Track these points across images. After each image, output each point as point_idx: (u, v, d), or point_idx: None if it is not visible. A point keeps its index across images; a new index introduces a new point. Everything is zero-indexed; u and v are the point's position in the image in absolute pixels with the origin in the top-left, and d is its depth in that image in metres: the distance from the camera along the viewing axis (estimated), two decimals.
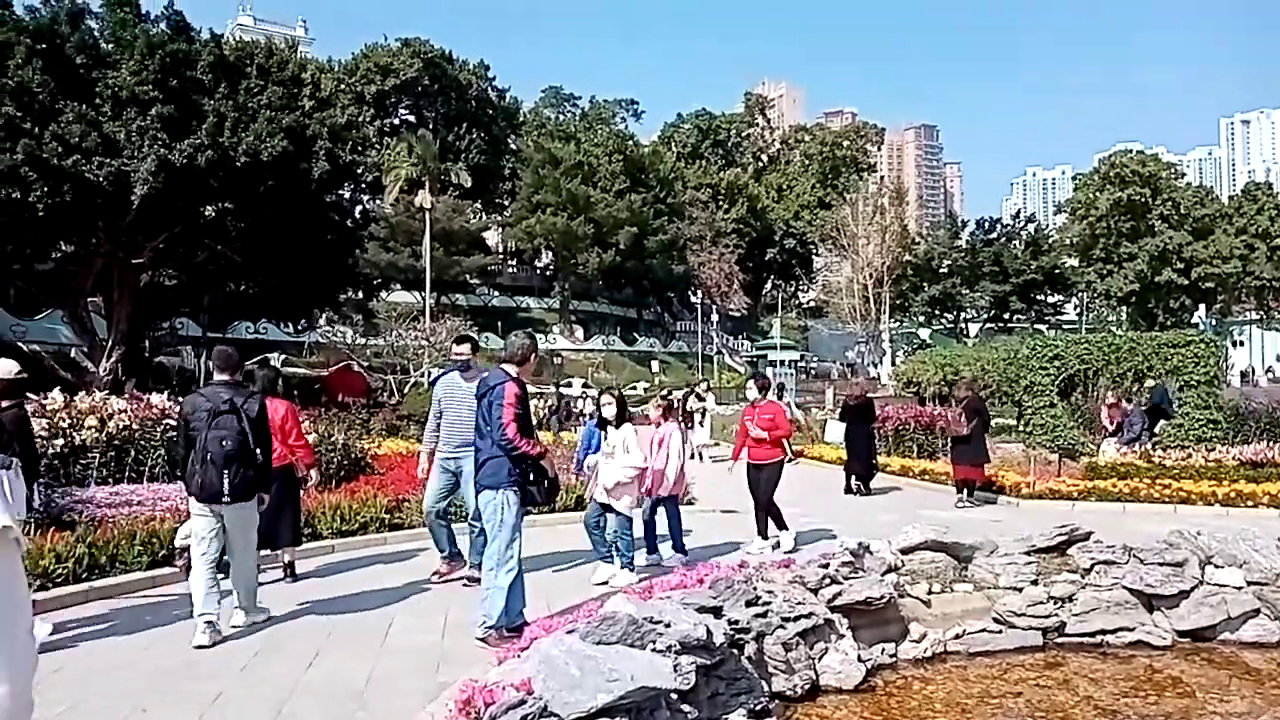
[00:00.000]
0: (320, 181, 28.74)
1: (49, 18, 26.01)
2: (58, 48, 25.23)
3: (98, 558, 7.31)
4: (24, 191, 23.07)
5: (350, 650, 5.78)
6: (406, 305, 54.48)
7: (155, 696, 4.91)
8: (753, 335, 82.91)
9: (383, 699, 4.90)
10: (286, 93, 28.90)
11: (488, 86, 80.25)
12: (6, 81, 23.77)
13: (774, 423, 9.50)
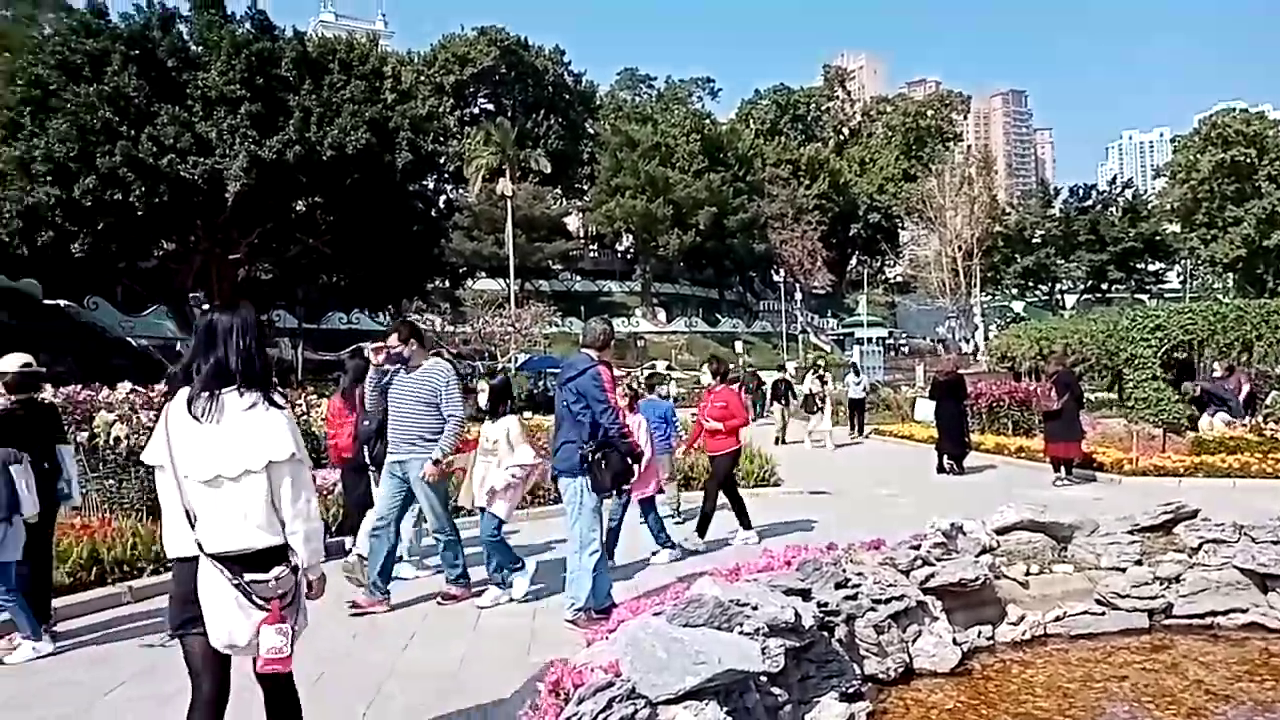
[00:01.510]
0: (404, 172, 29.31)
1: (141, 24, 27.05)
2: (150, 52, 26.23)
3: None
4: (124, 192, 24.11)
5: (444, 633, 5.90)
6: (491, 292, 55.28)
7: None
8: (838, 313, 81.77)
9: (475, 679, 4.98)
10: (369, 86, 29.52)
11: (564, 71, 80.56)
12: (104, 88, 24.83)
13: (727, 411, 8.68)
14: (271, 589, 3.11)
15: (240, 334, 3.22)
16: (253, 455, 3.10)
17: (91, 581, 6.76)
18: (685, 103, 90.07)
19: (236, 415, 3.13)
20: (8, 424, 5.68)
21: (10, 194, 25.17)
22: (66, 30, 27.41)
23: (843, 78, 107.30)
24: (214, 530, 3.09)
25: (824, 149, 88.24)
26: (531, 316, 46.49)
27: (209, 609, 3.10)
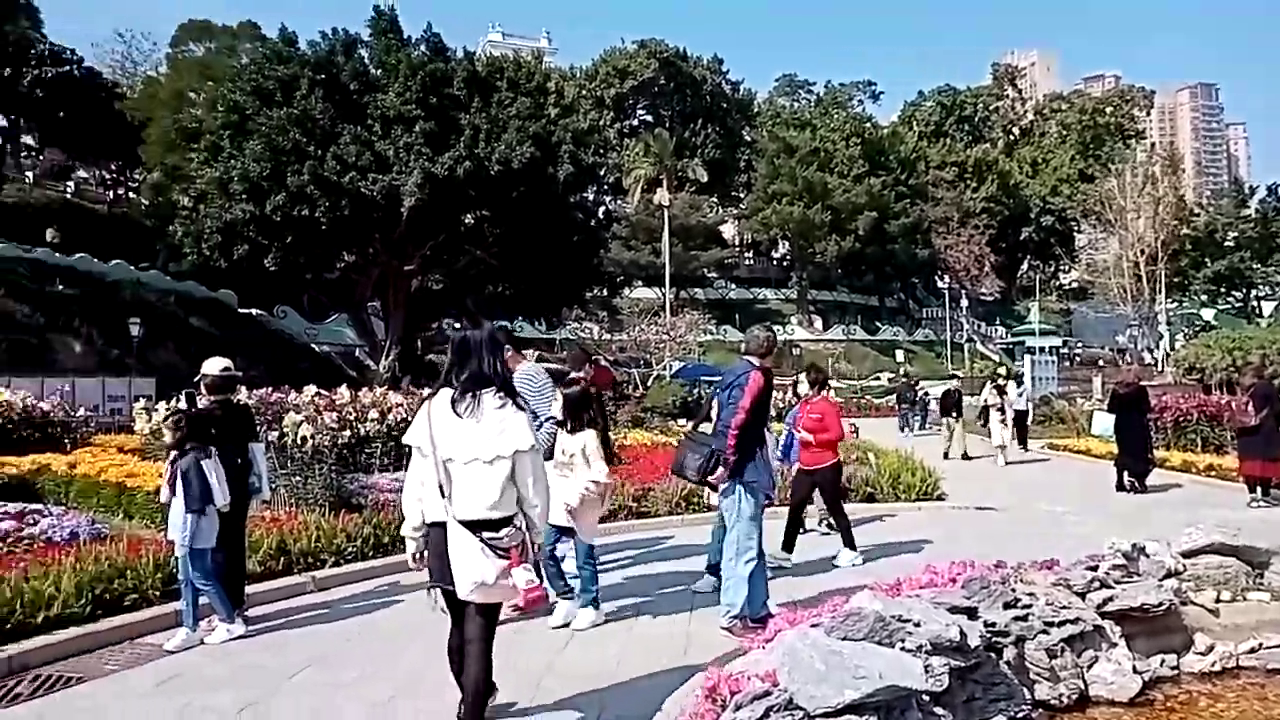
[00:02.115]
0: (565, 185, 30.09)
1: (326, 50, 28.91)
2: (334, 76, 27.98)
3: (381, 538, 8.04)
4: (311, 208, 25.79)
5: (601, 633, 6.01)
6: (648, 301, 55.95)
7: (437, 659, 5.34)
8: (1007, 321, 78.18)
9: (632, 681, 5.06)
10: (533, 102, 30.47)
11: (721, 80, 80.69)
12: (293, 111, 26.66)
13: (821, 423, 8.24)
14: (505, 543, 3.90)
15: (489, 348, 4.05)
16: (503, 445, 3.89)
17: (279, 570, 7.25)
18: (845, 107, 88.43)
19: (490, 413, 3.93)
20: (208, 423, 6.20)
21: (211, 212, 27.39)
22: (261, 58, 29.64)
23: (1013, 76, 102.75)
24: (464, 501, 3.90)
25: (992, 150, 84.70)
26: (686, 324, 46.75)
27: (458, 560, 3.87)
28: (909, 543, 9.09)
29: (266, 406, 10.64)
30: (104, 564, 6.19)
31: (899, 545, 8.84)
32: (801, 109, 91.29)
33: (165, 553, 6.50)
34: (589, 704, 4.73)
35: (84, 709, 4.70)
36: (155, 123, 40.63)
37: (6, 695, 4.83)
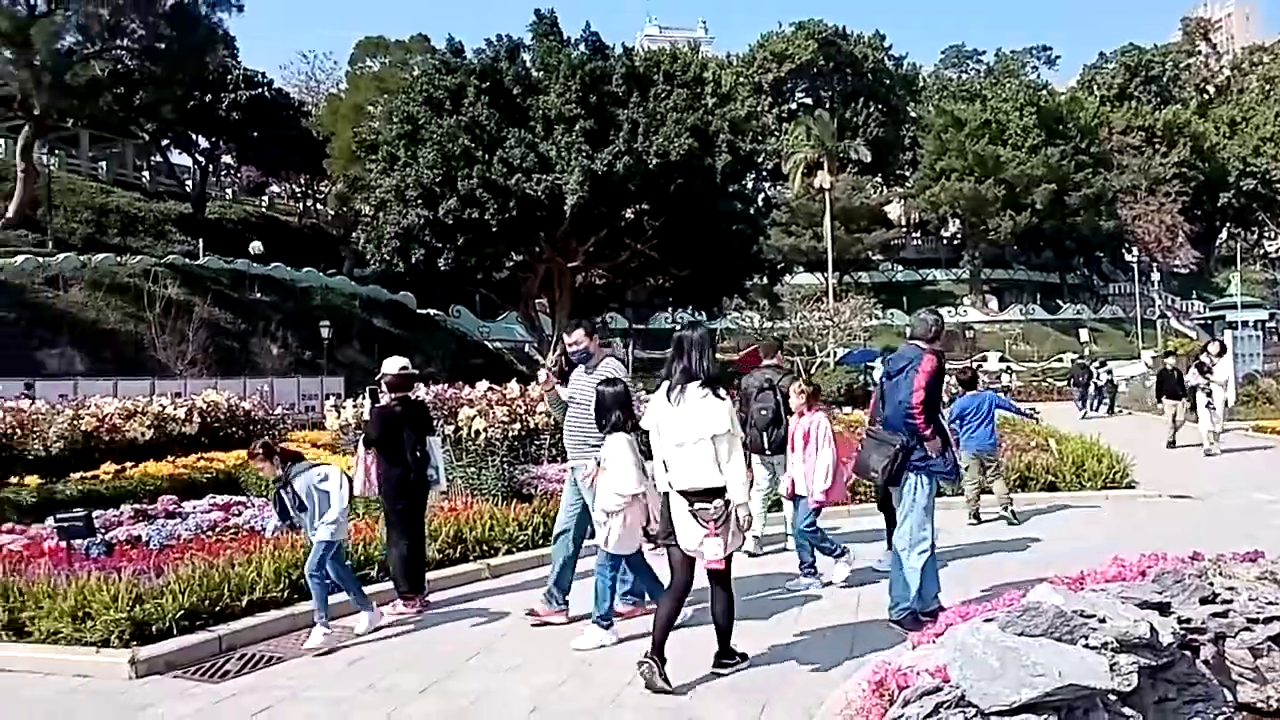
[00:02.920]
0: (724, 174, 30.00)
1: (491, 57, 29.92)
2: (499, 82, 28.94)
3: (551, 527, 8.27)
4: (480, 211, 26.79)
5: (767, 624, 5.98)
6: (810, 287, 55.04)
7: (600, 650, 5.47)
8: (1205, 294, 72.28)
9: (798, 672, 5.01)
10: (690, 93, 30.52)
11: (884, 57, 78.29)
12: (462, 118, 27.75)
13: None
14: (710, 514, 4.66)
15: (697, 347, 4.87)
16: (704, 428, 4.70)
17: (456, 558, 7.58)
18: (1018, 75, 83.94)
19: (695, 401, 4.76)
20: (389, 419, 6.56)
21: (389, 218, 28.92)
22: (431, 69, 31.03)
23: (1205, 30, 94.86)
24: (680, 474, 4.76)
25: (1183, 111, 78.32)
26: (851, 310, 45.68)
27: (678, 525, 4.77)
28: (1093, 533, 8.58)
29: (443, 402, 11.16)
30: (299, 551, 6.65)
31: (1082, 536, 8.35)
32: (970, 80, 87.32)
33: (355, 540, 6.93)
34: (751, 694, 4.72)
35: (285, 685, 5.07)
36: (338, 136, 43.27)
37: (217, 671, 5.28)
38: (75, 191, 42.15)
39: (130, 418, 13.14)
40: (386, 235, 29.00)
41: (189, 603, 5.61)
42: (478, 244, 28.36)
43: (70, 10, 35.71)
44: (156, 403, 14.40)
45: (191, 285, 35.17)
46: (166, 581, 5.79)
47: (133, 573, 5.92)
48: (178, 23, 37.06)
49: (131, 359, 28.87)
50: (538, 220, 28.18)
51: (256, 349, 31.81)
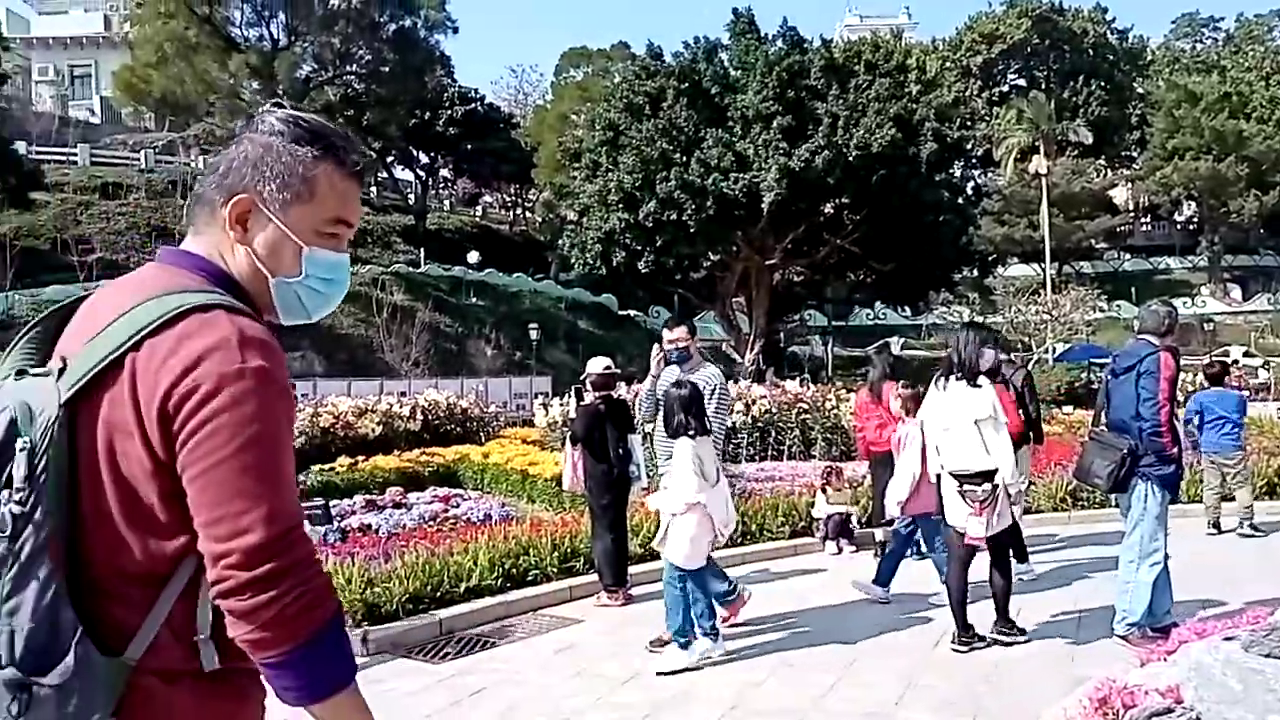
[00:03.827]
0: (929, 163, 28.95)
1: (689, 59, 30.17)
2: (697, 83, 29.15)
3: (749, 525, 8.29)
4: (678, 212, 27.09)
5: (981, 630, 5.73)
6: (1025, 279, 52.02)
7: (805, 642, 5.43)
8: None
9: (1012, 683, 4.78)
10: (893, 82, 29.65)
11: (1105, 31, 72.77)
12: (660, 121, 28.17)
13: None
14: (977, 496, 5.11)
15: (966, 344, 5.40)
16: (967, 414, 5.19)
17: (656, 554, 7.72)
18: (1262, 41, 75.85)
19: (960, 391, 5.29)
20: (593, 416, 6.80)
21: (592, 223, 29.80)
22: (631, 76, 31.70)
23: None
24: (949, 457, 5.30)
25: None
26: (1071, 302, 42.76)
27: (947, 504, 5.36)
28: None
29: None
30: (511, 542, 6.99)
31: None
32: (1206, 51, 79.65)
33: (561, 533, 7.21)
34: (965, 704, 4.55)
35: (500, 668, 5.35)
36: (544, 146, 45.08)
37: (438, 653, 5.64)
38: None
39: (362, 415, 14.22)
40: (589, 240, 29.90)
41: (413, 588, 6.02)
42: (676, 245, 28.69)
43: (307, 42, 39.16)
44: (385, 401, 15.52)
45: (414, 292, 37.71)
46: (394, 567, 6.25)
47: (364, 558, 6.43)
48: (400, 47, 39.82)
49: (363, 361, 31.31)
50: (735, 219, 28.19)
51: (472, 350, 33.65)
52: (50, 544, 1.19)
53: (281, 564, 1.19)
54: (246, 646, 1.21)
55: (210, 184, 1.40)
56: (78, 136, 46.03)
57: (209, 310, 1.26)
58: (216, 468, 1.19)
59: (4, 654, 1.18)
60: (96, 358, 1.24)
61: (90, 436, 1.23)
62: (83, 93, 57.01)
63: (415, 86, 42.17)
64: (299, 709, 1.26)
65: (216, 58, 36.27)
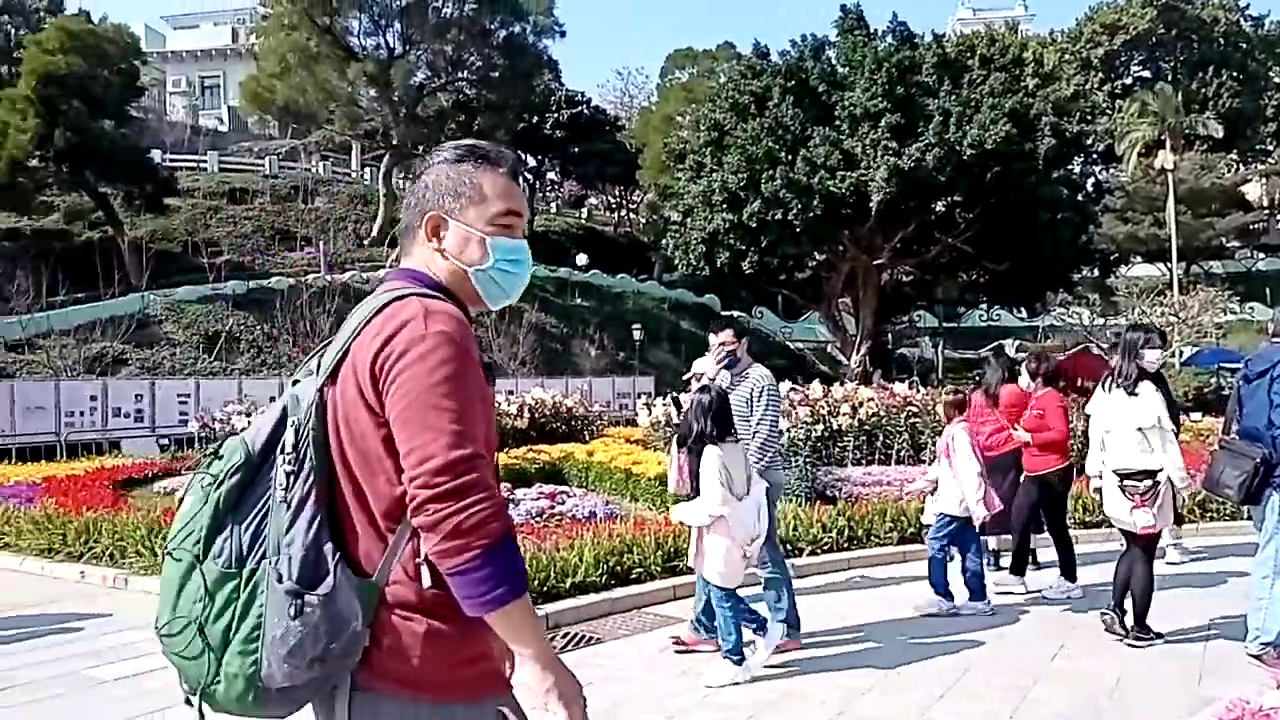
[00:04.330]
0: (1046, 159, 28.01)
1: (796, 57, 29.88)
2: (803, 82, 28.83)
3: (855, 530, 8.17)
4: (784, 211, 26.85)
5: (1097, 646, 5.53)
6: (1149, 279, 49.68)
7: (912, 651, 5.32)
8: None
9: (1136, 702, 4.59)
10: (1008, 76, 28.82)
11: (1238, 19, 68.88)
12: (766, 121, 27.97)
13: (1043, 420, 6.91)
14: (1139, 490, 5.31)
15: (1129, 348, 5.48)
16: (1130, 418, 5.37)
17: None
18: None
19: (1124, 394, 5.42)
20: None
21: (696, 224, 29.80)
22: (736, 75, 31.57)
23: None
24: (1112, 455, 5.49)
25: None
26: (1200, 304, 40.62)
27: (1108, 500, 5.54)
28: None
29: None
30: (616, 540, 7.06)
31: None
32: None
33: (665, 532, 7.25)
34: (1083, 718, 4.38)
35: (605, 664, 5.41)
36: (649, 148, 45.29)
37: None
38: None
39: None
40: (693, 240, 29.89)
41: None
42: (781, 245, 28.43)
43: (421, 50, 40.28)
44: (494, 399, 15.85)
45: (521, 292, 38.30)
46: None
47: None
48: (509, 52, 40.59)
49: None
50: (842, 218, 27.77)
51: (577, 350, 34.08)
52: (313, 493, 1.54)
53: (460, 483, 1.46)
54: (435, 558, 1.48)
55: (408, 214, 1.77)
56: (207, 144, 48.56)
57: (404, 298, 1.61)
58: (407, 409, 1.49)
59: (285, 572, 1.51)
60: (335, 351, 1.62)
61: (335, 411, 1.59)
62: (212, 103, 60.10)
63: (524, 91, 42.91)
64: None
65: (336, 67, 37.60)
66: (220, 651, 1.51)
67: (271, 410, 1.66)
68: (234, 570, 1.52)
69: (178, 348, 29.06)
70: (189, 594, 1.53)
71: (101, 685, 5.24)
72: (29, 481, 12.76)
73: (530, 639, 1.55)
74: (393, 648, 1.54)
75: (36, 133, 29.97)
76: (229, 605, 1.52)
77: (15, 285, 27.91)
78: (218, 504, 1.55)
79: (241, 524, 1.54)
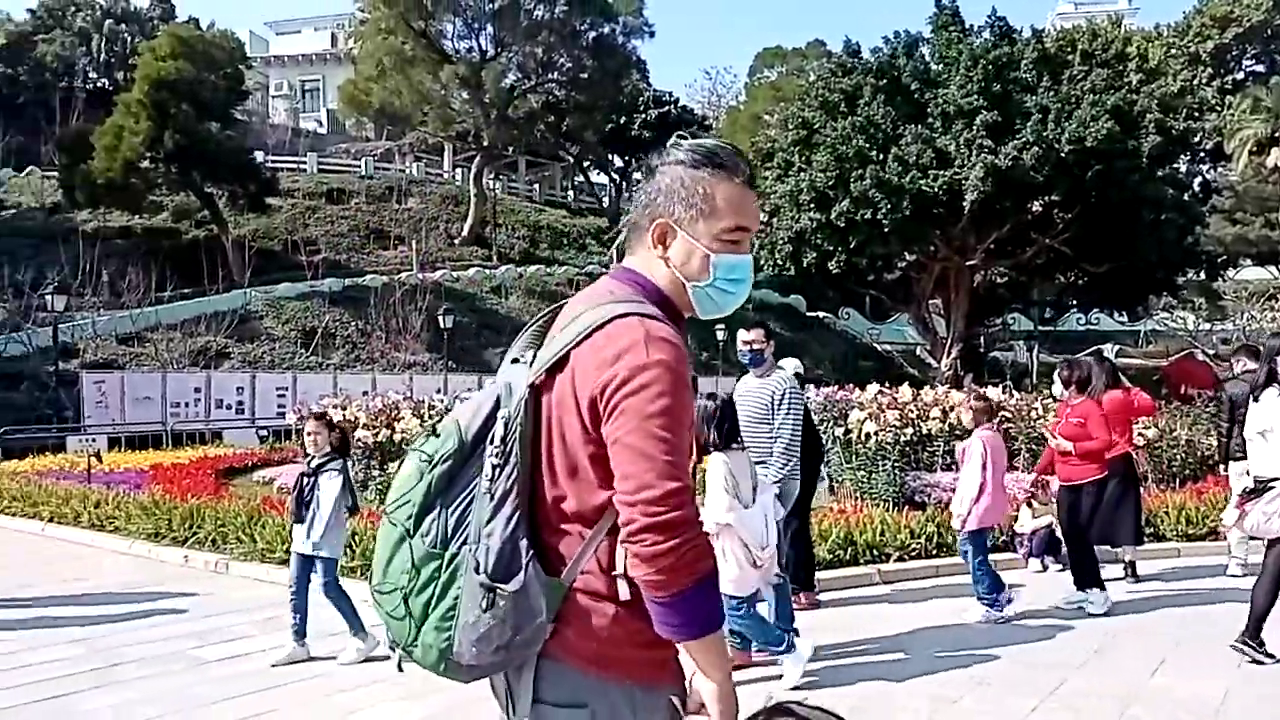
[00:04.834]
0: (1151, 157, 26.97)
1: (888, 55, 29.38)
2: (895, 80, 28.33)
3: (944, 537, 7.99)
4: (873, 211, 26.42)
5: (1201, 663, 5.30)
6: (1260, 282, 47.35)
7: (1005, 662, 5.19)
8: None
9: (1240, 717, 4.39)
10: (1111, 72, 27.91)
11: None
12: (857, 119, 27.54)
13: (1084, 429, 6.58)
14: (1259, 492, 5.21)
15: (1269, 355, 5.39)
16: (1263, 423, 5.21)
17: (846, 560, 7.59)
18: None
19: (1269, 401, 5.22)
20: None
21: (782, 224, 29.52)
22: (826, 74, 31.17)
23: None
24: (1254, 461, 5.35)
25: None
26: None
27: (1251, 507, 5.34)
28: None
29: (832, 404, 11.20)
30: None
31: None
32: None
33: None
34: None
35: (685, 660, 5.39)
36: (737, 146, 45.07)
37: None
38: (514, 211, 48.14)
39: None
40: (779, 240, 29.61)
41: None
42: (869, 244, 27.97)
43: (512, 52, 40.89)
44: None
45: None
46: None
47: None
48: (599, 53, 40.90)
49: None
50: (933, 218, 27.18)
51: None
52: (515, 487, 1.60)
53: (674, 517, 1.50)
54: (644, 586, 1.53)
55: (637, 212, 1.81)
56: (307, 146, 50.17)
57: (628, 317, 1.63)
58: (627, 435, 1.53)
59: (481, 563, 1.58)
60: (553, 352, 1.65)
61: (546, 411, 1.64)
62: (312, 106, 62.07)
63: (612, 91, 43.18)
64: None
65: (430, 70, 38.43)
66: (420, 622, 1.62)
67: (484, 395, 1.72)
68: (439, 551, 1.62)
69: (277, 342, 30.12)
70: (398, 564, 1.64)
71: (204, 665, 5.46)
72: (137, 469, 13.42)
73: (717, 671, 1.62)
74: (582, 628, 1.62)
75: (148, 135, 31.38)
76: (431, 582, 1.62)
77: (127, 281, 29.31)
78: (430, 484, 1.64)
79: (449, 507, 1.63)
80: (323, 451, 5.58)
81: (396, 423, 11.64)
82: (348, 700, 4.89)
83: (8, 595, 7.30)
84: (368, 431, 11.48)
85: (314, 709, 4.79)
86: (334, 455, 5.60)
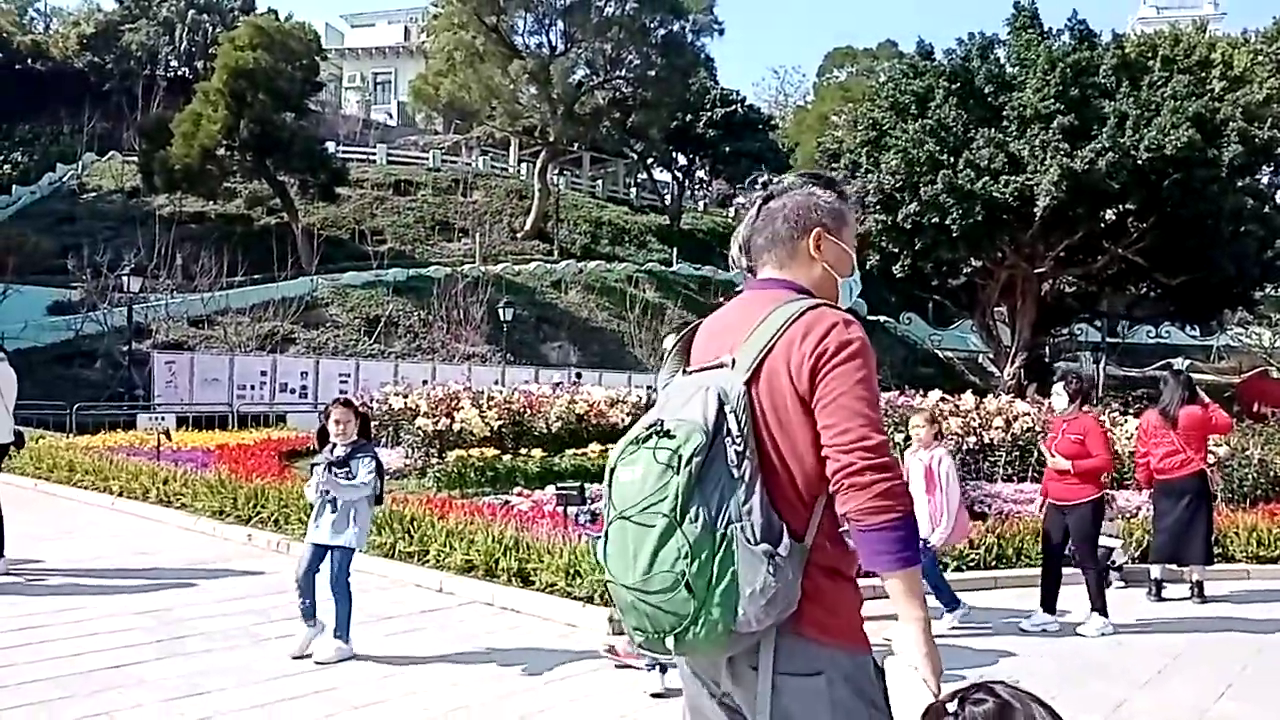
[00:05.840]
0: (1232, 167, 26.15)
1: (961, 56, 28.87)
2: (968, 82, 27.83)
3: (1005, 549, 7.84)
4: (941, 215, 26.01)
5: (1269, 692, 5.12)
6: None
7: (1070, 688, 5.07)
8: None
9: None
10: (1192, 79, 27.09)
11: None
12: (928, 122, 27.13)
13: (1082, 446, 6.20)
14: None
15: None
16: None
17: None
18: None
19: None
20: None
21: None
22: (898, 74, 30.75)
23: None
24: None
25: None
26: None
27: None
28: None
29: (893, 409, 11.07)
30: None
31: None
32: None
33: None
34: None
35: None
36: (801, 148, 44.82)
37: None
38: (577, 207, 48.39)
39: (613, 405, 14.81)
40: None
41: None
42: (936, 249, 27.56)
43: (580, 48, 41.08)
44: (634, 393, 16.07)
45: (665, 289, 38.68)
46: None
47: None
48: (667, 50, 40.86)
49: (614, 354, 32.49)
50: (1003, 223, 26.67)
51: None
52: (758, 469, 1.82)
53: (887, 460, 1.78)
54: (861, 514, 1.76)
55: (779, 226, 2.09)
56: (377, 138, 51.05)
57: (817, 308, 1.92)
58: (841, 396, 1.81)
59: (753, 535, 1.77)
60: (757, 350, 1.89)
61: (760, 402, 1.87)
62: (383, 98, 63.14)
63: (679, 89, 43.10)
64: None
65: (499, 64, 38.79)
66: (703, 600, 1.75)
67: (695, 398, 1.89)
68: (712, 532, 1.77)
69: (341, 329, 30.71)
70: (668, 554, 1.78)
71: (264, 642, 5.59)
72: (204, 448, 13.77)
73: (920, 604, 1.81)
74: (817, 601, 1.83)
75: (225, 123, 32.22)
76: (709, 562, 1.76)
77: (200, 265, 30.12)
78: (689, 476, 1.79)
79: (707, 494, 1.79)
80: (349, 440, 5.42)
81: (456, 412, 11.79)
82: (407, 680, 4.96)
83: (82, 565, 7.57)
84: (428, 419, 11.64)
85: (374, 687, 4.87)
86: (362, 443, 5.49)
